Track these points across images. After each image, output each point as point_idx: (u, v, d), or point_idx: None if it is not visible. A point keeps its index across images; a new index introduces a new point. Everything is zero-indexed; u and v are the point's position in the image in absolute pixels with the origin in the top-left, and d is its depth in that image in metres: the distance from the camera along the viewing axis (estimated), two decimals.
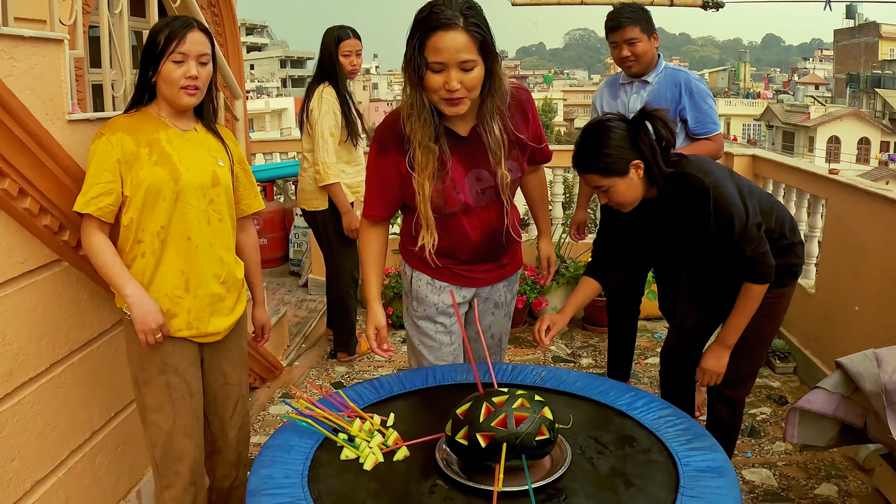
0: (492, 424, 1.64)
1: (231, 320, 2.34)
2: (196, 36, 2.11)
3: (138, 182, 2.10)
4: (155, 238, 2.15)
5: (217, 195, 2.25)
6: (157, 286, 2.17)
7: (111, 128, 2.11)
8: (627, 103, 3.45)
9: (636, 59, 3.34)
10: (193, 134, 2.25)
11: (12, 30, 1.98)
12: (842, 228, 3.82)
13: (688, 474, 1.66)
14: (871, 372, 2.06)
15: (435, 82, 1.98)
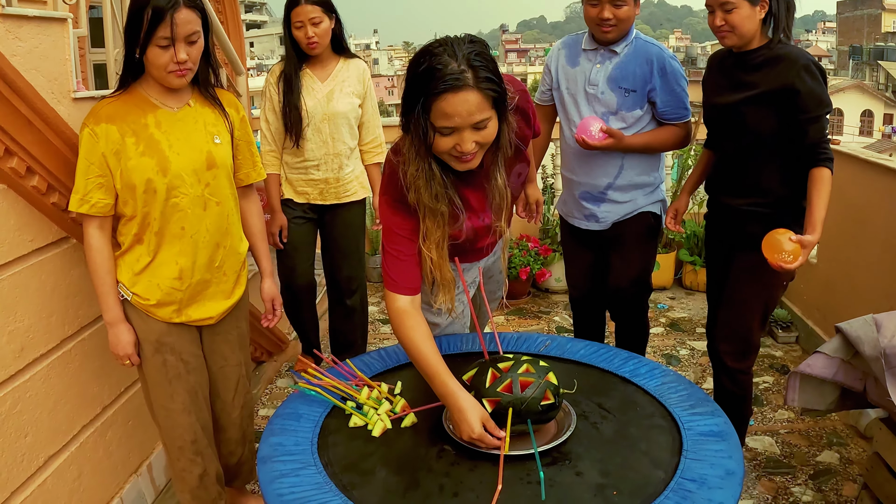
0: (497, 390, 1.68)
1: (228, 304, 2.32)
2: (183, 15, 1.95)
3: (127, 175, 2.04)
4: (149, 231, 2.12)
5: (213, 177, 2.18)
6: (150, 276, 2.15)
7: (95, 117, 2.02)
8: (588, 74, 2.88)
9: (617, 24, 2.77)
10: (186, 111, 2.15)
11: (17, 9, 2.00)
12: (843, 198, 3.82)
13: (690, 438, 1.69)
14: (871, 336, 2.08)
15: (444, 145, 1.72)
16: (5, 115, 1.92)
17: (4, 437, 2.03)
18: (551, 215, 5.43)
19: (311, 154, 3.31)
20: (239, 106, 2.34)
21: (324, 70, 3.30)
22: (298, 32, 3.15)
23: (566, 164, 3.07)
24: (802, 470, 2.99)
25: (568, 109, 2.96)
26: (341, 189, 3.42)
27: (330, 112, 3.27)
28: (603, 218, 2.98)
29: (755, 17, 2.39)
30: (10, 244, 2.04)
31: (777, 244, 2.28)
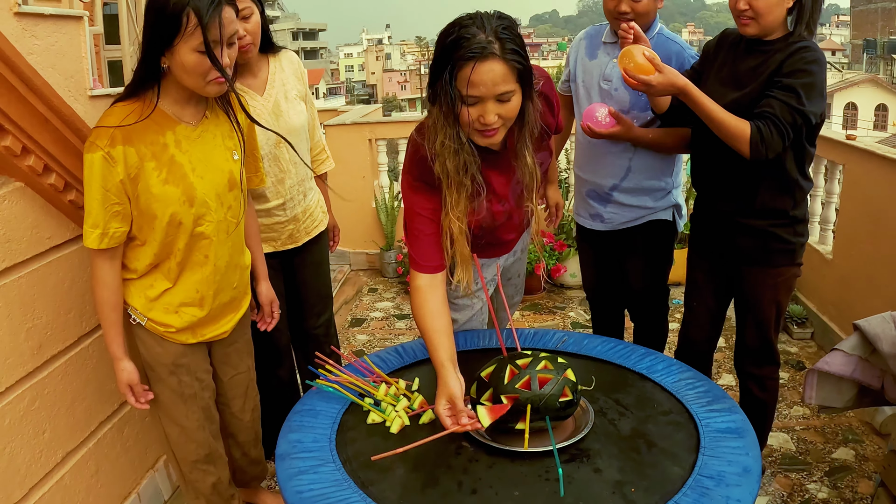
0: (516, 386, 1.67)
1: (238, 316, 2.27)
2: (228, 14, 1.76)
3: (147, 204, 1.88)
4: (171, 260, 2.00)
5: (234, 198, 2.05)
6: (167, 304, 2.05)
7: (110, 139, 1.80)
8: (604, 68, 2.79)
9: (635, 18, 2.61)
10: (204, 124, 1.97)
11: (33, 8, 2.00)
12: (859, 194, 3.80)
13: (708, 435, 1.68)
14: (889, 333, 2.06)
15: (469, 115, 1.74)
16: (22, 113, 1.92)
17: (23, 434, 2.05)
18: (567, 210, 5.42)
19: (273, 192, 2.61)
20: (246, 105, 2.10)
21: (257, 78, 2.53)
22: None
23: (577, 160, 3.01)
24: (818, 467, 2.97)
25: (581, 103, 2.86)
26: (309, 222, 2.80)
27: (285, 131, 2.52)
28: (609, 219, 2.89)
29: (783, 5, 2.22)
30: (27, 242, 2.05)
31: (629, 54, 2.21)
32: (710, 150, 2.40)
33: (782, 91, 2.15)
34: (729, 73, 2.37)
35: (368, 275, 5.80)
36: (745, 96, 2.26)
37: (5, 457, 1.97)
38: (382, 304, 5.19)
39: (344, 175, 5.69)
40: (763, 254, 2.42)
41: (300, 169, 2.64)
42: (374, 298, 5.31)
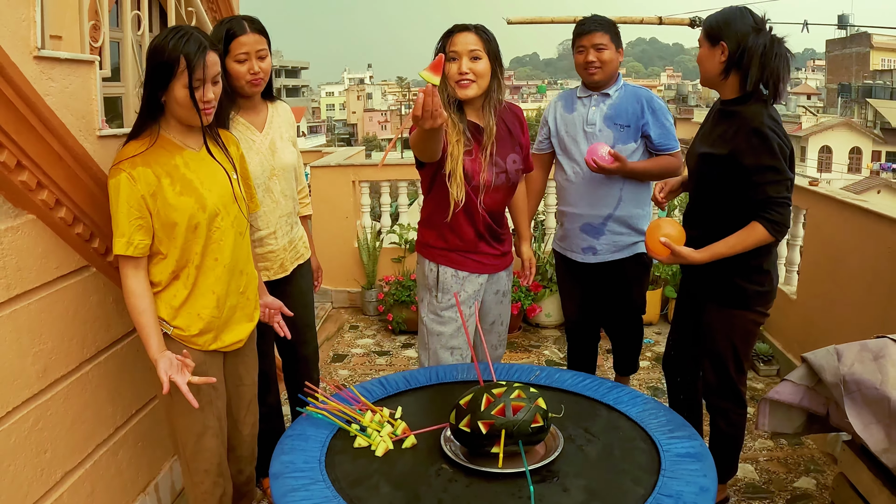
0: (492, 413, 1.82)
1: (252, 326, 2.44)
2: (211, 58, 2.10)
3: (166, 215, 2.13)
4: (189, 266, 2.21)
5: (237, 211, 2.31)
6: (190, 307, 2.24)
7: (130, 162, 2.09)
8: (586, 115, 3.30)
9: (601, 67, 3.20)
10: (205, 150, 2.26)
11: (50, 52, 2.15)
12: (821, 237, 4.01)
13: (668, 458, 1.84)
14: (832, 365, 2.26)
15: (450, 70, 2.59)
16: (39, 151, 2.07)
17: (27, 452, 2.16)
18: (542, 252, 5.60)
19: (265, 222, 2.81)
20: (237, 143, 2.47)
21: (257, 117, 2.80)
22: (240, 67, 2.62)
23: (566, 200, 3.38)
24: (780, 495, 3.13)
25: (569, 148, 3.34)
26: (294, 253, 2.99)
27: (278, 166, 2.80)
28: (601, 250, 3.29)
29: (714, 59, 2.53)
30: (37, 271, 2.18)
31: (659, 227, 2.56)
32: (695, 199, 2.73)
33: (757, 173, 2.41)
34: (705, 131, 2.69)
35: (350, 312, 5.95)
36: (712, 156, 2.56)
37: (10, 473, 2.08)
38: (363, 340, 5.34)
39: (327, 215, 5.86)
40: (718, 293, 2.64)
41: (288, 202, 2.89)
42: (355, 335, 5.45)
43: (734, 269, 2.55)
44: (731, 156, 2.46)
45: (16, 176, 2.02)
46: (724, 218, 2.54)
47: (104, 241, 2.40)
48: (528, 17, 5.36)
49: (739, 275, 2.57)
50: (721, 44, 2.49)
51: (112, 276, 2.52)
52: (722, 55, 2.50)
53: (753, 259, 2.54)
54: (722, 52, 2.49)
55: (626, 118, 3.25)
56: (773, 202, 2.41)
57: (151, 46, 2.10)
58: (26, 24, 2.05)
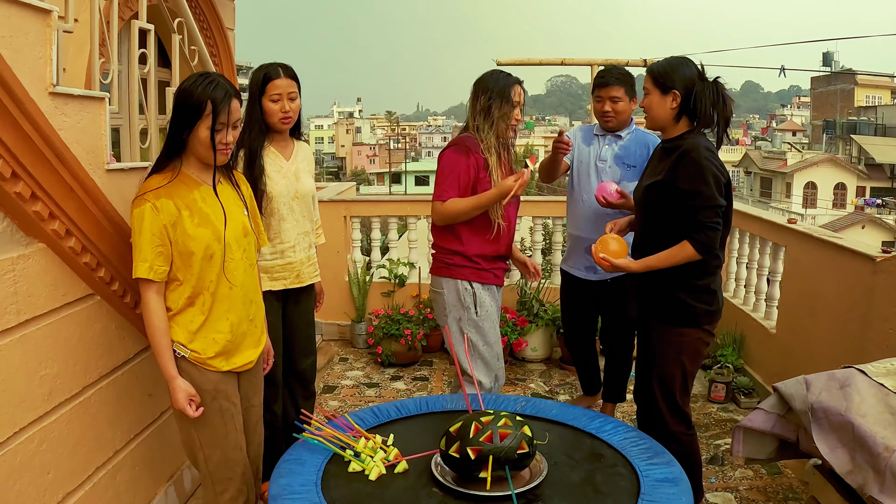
0: (480, 440, 1.93)
1: (259, 350, 2.59)
2: (235, 104, 2.31)
3: (184, 244, 2.30)
4: (205, 293, 2.37)
5: (248, 244, 2.49)
6: (206, 332, 2.39)
7: (155, 194, 2.27)
8: (599, 152, 3.79)
9: (615, 116, 3.70)
10: (220, 188, 2.43)
11: (65, 89, 2.27)
12: (799, 273, 4.15)
13: (647, 483, 1.94)
14: (801, 393, 2.38)
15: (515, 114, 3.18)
16: (52, 183, 2.18)
17: (31, 472, 2.23)
18: (528, 288, 5.72)
19: (288, 235, 3.16)
20: (248, 184, 2.67)
21: (286, 149, 3.17)
22: (274, 105, 2.99)
23: (576, 224, 3.88)
24: None
25: (581, 179, 3.82)
26: (312, 269, 3.31)
27: (301, 191, 3.17)
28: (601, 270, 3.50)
29: (665, 105, 2.74)
30: (45, 297, 2.28)
31: (604, 243, 2.83)
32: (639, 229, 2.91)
33: (691, 198, 2.61)
34: (651, 168, 2.88)
35: (339, 345, 6.03)
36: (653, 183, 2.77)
37: (14, 492, 2.16)
38: (353, 372, 5.42)
39: (320, 249, 5.95)
40: (667, 313, 2.77)
41: (306, 222, 3.25)
42: (344, 367, 5.53)
43: (681, 289, 2.72)
44: (671, 181, 2.66)
45: (30, 206, 2.12)
46: (666, 244, 2.70)
47: (110, 271, 2.50)
48: (518, 59, 5.51)
49: (687, 293, 2.72)
50: (673, 92, 2.70)
51: (116, 305, 2.61)
52: (673, 102, 2.71)
53: (699, 279, 2.71)
54: (673, 98, 2.71)
55: (634, 159, 3.70)
56: (702, 225, 2.60)
57: (181, 89, 2.29)
58: (43, 62, 2.17)
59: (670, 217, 2.69)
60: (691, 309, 2.72)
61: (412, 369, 5.45)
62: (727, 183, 2.65)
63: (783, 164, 41.64)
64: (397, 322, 5.46)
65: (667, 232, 2.69)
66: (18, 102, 1.99)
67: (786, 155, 43.70)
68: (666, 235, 2.69)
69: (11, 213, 2.11)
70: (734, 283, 5.27)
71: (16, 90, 1.97)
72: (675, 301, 2.73)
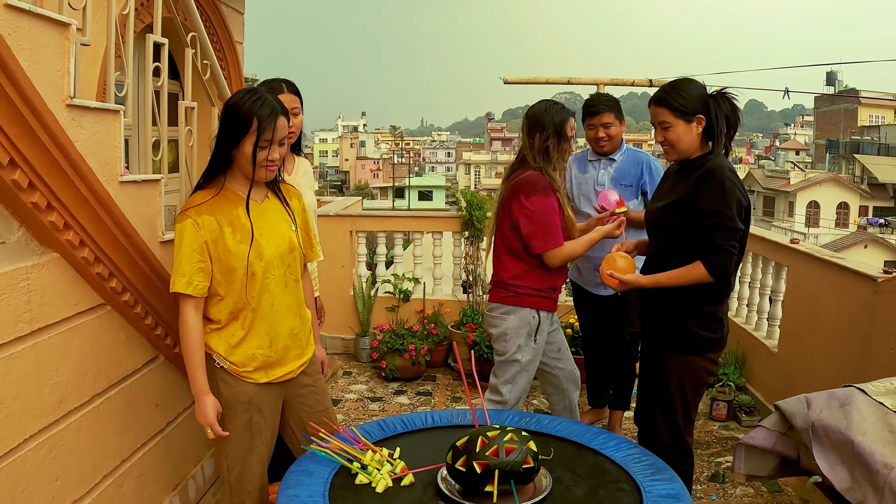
0: (486, 454, 1.95)
1: (300, 362, 2.60)
2: (281, 122, 2.33)
3: (225, 260, 2.34)
4: (247, 309, 2.41)
5: (293, 260, 2.51)
6: (246, 347, 2.44)
7: (196, 210, 2.33)
8: (596, 177, 3.99)
9: (609, 140, 3.89)
10: (267, 203, 2.47)
11: (81, 101, 2.30)
12: (801, 292, 4.17)
13: (650, 498, 1.97)
14: (802, 412, 2.41)
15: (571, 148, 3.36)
16: (68, 194, 2.21)
17: (40, 479, 2.26)
18: None
19: None
20: (299, 196, 2.68)
21: (288, 164, 3.18)
22: None
23: None
24: None
25: (583, 205, 4.01)
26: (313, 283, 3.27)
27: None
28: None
29: (692, 133, 2.65)
30: (58, 307, 2.31)
31: (611, 260, 2.83)
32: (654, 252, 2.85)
33: (709, 217, 2.55)
34: (666, 190, 2.82)
35: (343, 359, 6.06)
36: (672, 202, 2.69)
37: (23, 498, 2.18)
38: (357, 386, 5.44)
39: (324, 263, 5.95)
40: (673, 339, 2.74)
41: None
42: (348, 381, 5.56)
43: (689, 316, 2.69)
44: (692, 199, 2.59)
45: (45, 216, 2.16)
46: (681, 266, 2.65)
47: (121, 282, 2.53)
48: (524, 78, 5.57)
49: (694, 321, 2.69)
50: (697, 117, 2.62)
51: (126, 315, 2.64)
52: (698, 126, 2.64)
53: (708, 306, 2.68)
54: (698, 123, 2.63)
55: (629, 179, 3.91)
56: (718, 247, 2.55)
57: (227, 105, 2.35)
58: (61, 74, 2.20)
59: (687, 238, 2.63)
60: (697, 337, 2.69)
61: (416, 384, 5.47)
62: (748, 207, 2.61)
63: (786, 182, 41.67)
64: (401, 337, 5.49)
65: (682, 253, 2.64)
66: (37, 114, 2.03)
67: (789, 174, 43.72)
68: (681, 257, 2.64)
69: (27, 223, 2.15)
70: (736, 301, 5.29)
71: (35, 102, 2.01)
72: (681, 328, 2.70)
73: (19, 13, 1.97)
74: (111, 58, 2.69)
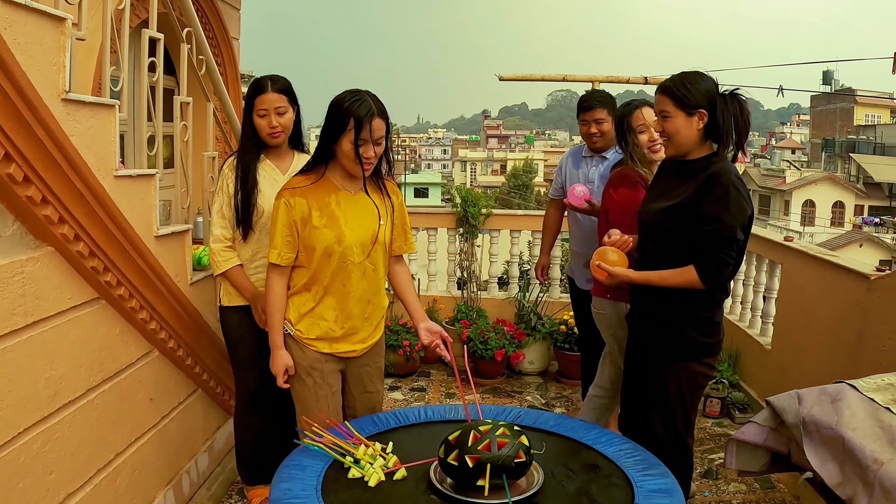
0: (478, 448, 1.96)
1: (366, 344, 2.77)
2: (377, 122, 2.48)
3: (309, 240, 2.57)
4: (318, 284, 2.63)
5: (374, 251, 2.66)
6: (313, 317, 2.67)
7: (291, 192, 2.57)
8: (587, 174, 4.03)
9: (601, 136, 3.92)
10: (361, 195, 2.65)
11: (77, 95, 2.31)
12: (795, 290, 4.19)
13: (642, 493, 1.98)
14: (793, 407, 2.42)
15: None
16: (63, 188, 2.22)
17: (34, 472, 2.26)
18: (527, 301, 5.76)
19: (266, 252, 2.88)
20: (399, 193, 2.83)
21: (283, 162, 3.12)
22: (261, 120, 2.96)
23: (574, 240, 4.13)
24: None
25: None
26: None
27: None
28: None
29: (692, 127, 2.56)
30: (52, 300, 2.31)
31: (602, 254, 2.80)
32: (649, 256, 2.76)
33: (709, 223, 2.48)
34: (661, 189, 2.73)
35: None
36: (673, 206, 2.60)
37: (18, 491, 2.18)
38: None
39: None
40: (668, 345, 2.68)
41: None
42: None
43: (686, 322, 2.64)
44: (695, 203, 2.51)
45: (40, 210, 2.16)
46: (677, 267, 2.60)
47: (115, 275, 2.54)
48: (520, 74, 5.58)
49: (691, 327, 2.64)
50: (699, 111, 2.53)
51: (120, 309, 2.65)
52: (700, 122, 2.55)
53: (705, 312, 2.63)
54: (700, 118, 2.54)
55: None
56: (713, 255, 2.48)
57: (332, 103, 2.52)
58: (56, 69, 2.21)
59: (686, 242, 2.57)
60: (695, 342, 2.64)
61: (410, 380, 5.48)
62: (750, 216, 2.53)
63: (782, 181, 41.71)
64: (396, 333, 5.49)
65: (679, 257, 2.58)
66: (32, 108, 2.04)
67: (784, 173, 43.75)
68: (677, 261, 2.58)
69: (22, 217, 2.15)
70: (730, 299, 5.30)
71: (30, 96, 2.02)
72: (678, 334, 2.65)
73: (15, 7, 1.97)
74: (107, 53, 2.70)
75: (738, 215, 2.47)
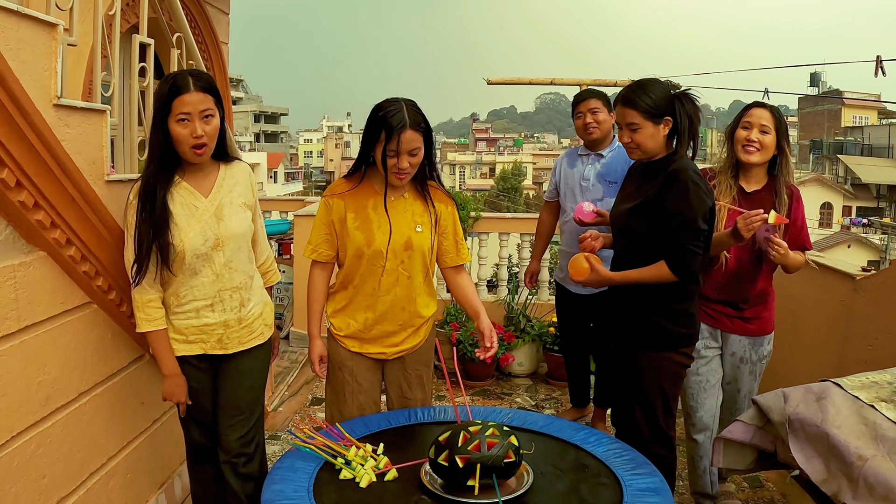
0: (468, 449, 1.99)
1: (398, 349, 2.83)
2: (408, 135, 2.49)
3: (343, 240, 2.71)
4: (351, 285, 2.75)
5: (409, 257, 2.70)
6: (345, 315, 2.79)
7: (331, 192, 2.74)
8: (583, 172, 4.02)
9: (597, 126, 3.90)
10: (400, 201, 2.71)
11: (68, 101, 2.32)
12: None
13: (630, 493, 2.01)
14: (779, 406, 2.46)
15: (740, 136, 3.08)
16: (55, 193, 2.23)
17: (27, 477, 2.27)
18: (516, 304, 5.79)
19: (202, 291, 2.52)
20: (449, 202, 2.83)
21: (205, 180, 2.53)
22: (182, 129, 2.35)
23: (564, 240, 4.13)
24: None
25: (567, 199, 4.07)
26: (245, 332, 2.64)
27: (224, 235, 2.50)
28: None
29: (659, 134, 2.65)
30: (45, 305, 2.32)
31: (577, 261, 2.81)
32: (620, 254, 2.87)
33: (672, 218, 2.60)
34: (630, 191, 2.85)
35: None
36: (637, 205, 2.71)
37: (11, 496, 2.19)
38: None
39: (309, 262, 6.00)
40: (645, 337, 2.75)
41: (236, 276, 2.59)
42: None
43: (660, 314, 2.72)
44: (657, 201, 2.62)
45: (32, 215, 2.17)
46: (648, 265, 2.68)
47: (107, 280, 2.55)
48: (508, 78, 5.61)
49: (666, 318, 2.72)
50: (665, 119, 2.63)
51: (112, 314, 2.66)
52: (665, 128, 2.65)
53: (679, 304, 2.72)
54: (665, 125, 2.65)
55: (615, 176, 3.85)
56: (681, 247, 2.59)
57: (372, 109, 2.59)
58: (48, 74, 2.22)
59: (653, 240, 2.67)
60: (670, 333, 2.72)
61: None
62: (711, 208, 2.64)
63: None
64: None
65: (648, 255, 2.67)
66: (24, 113, 2.05)
67: None
68: (647, 259, 2.68)
69: (14, 222, 2.16)
70: None
71: (22, 101, 2.03)
72: (653, 326, 2.73)
73: (7, 13, 1.99)
74: (97, 58, 2.71)
75: (698, 207, 2.59)
